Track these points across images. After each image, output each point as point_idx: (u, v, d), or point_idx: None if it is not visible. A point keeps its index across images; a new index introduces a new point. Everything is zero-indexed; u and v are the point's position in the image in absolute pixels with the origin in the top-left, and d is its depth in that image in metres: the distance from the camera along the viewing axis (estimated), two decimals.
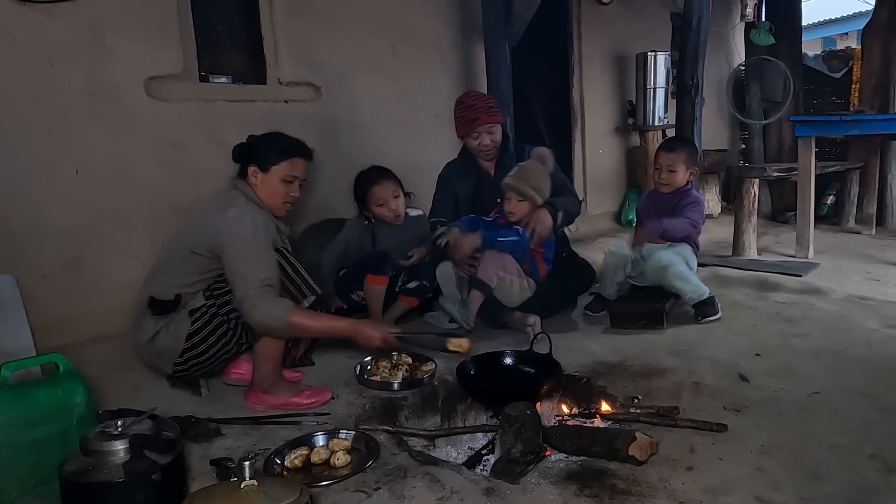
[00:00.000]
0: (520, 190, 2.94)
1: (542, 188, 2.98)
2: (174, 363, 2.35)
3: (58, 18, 2.79)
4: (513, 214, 2.98)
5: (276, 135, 2.49)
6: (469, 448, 2.17)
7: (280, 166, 2.40)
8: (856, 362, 2.53)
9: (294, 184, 2.45)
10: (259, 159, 2.40)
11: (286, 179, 2.41)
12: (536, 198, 2.96)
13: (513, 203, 2.97)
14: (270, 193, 2.41)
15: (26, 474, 1.70)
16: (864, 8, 8.46)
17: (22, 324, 2.54)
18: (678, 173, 3.34)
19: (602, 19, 5.47)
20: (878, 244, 4.88)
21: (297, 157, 2.44)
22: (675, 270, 3.11)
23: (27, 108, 2.75)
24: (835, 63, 6.48)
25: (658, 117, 5.55)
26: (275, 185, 2.40)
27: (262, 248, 2.24)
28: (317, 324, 2.32)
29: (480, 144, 3.19)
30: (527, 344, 2.63)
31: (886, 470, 1.76)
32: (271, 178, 2.40)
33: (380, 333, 2.29)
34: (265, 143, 2.45)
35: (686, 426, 2.01)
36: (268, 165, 2.39)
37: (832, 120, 4.54)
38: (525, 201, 2.96)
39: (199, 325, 2.30)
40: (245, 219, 2.25)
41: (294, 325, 2.18)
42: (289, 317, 2.15)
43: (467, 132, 3.20)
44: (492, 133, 3.19)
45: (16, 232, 2.74)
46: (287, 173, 2.41)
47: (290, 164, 2.42)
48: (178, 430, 1.73)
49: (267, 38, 3.55)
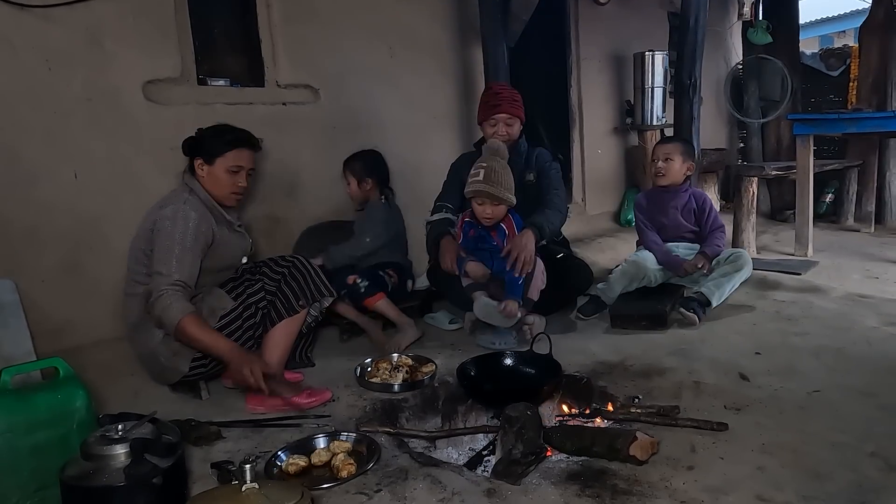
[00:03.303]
0: (498, 196, 2.87)
1: (512, 187, 2.94)
2: (192, 359, 2.36)
3: (56, 23, 2.79)
4: (489, 219, 2.94)
5: (221, 126, 2.52)
6: (470, 449, 2.17)
7: (225, 157, 2.42)
8: (856, 360, 2.53)
9: (240, 174, 2.46)
10: (204, 152, 2.43)
11: (231, 170, 2.43)
12: (512, 199, 2.92)
13: (489, 208, 2.92)
14: (217, 185, 2.44)
15: (27, 479, 1.69)
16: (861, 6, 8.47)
17: (22, 328, 2.54)
18: (675, 163, 3.38)
19: (600, 19, 5.47)
20: (877, 242, 4.88)
21: (242, 147, 2.46)
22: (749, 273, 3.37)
23: (26, 113, 2.75)
24: (832, 61, 6.48)
25: (656, 117, 5.55)
26: (221, 176, 2.43)
27: (186, 251, 2.27)
28: (202, 336, 2.19)
29: (496, 133, 3.18)
30: (527, 345, 2.63)
31: (887, 468, 1.76)
32: (216, 169, 2.42)
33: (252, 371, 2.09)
34: (210, 134, 2.47)
35: (687, 426, 2.01)
36: (212, 157, 2.42)
37: (830, 118, 4.54)
38: (502, 205, 2.93)
39: (226, 320, 2.35)
40: (177, 218, 2.29)
41: (182, 328, 2.16)
42: (181, 320, 2.15)
43: (486, 117, 3.21)
44: (509, 125, 3.20)
45: (15, 236, 2.74)
46: (232, 164, 2.43)
47: (235, 154, 2.43)
48: (178, 434, 1.73)
49: (265, 41, 3.56)
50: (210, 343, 2.20)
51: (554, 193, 3.21)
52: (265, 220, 3.53)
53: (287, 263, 2.48)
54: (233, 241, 2.51)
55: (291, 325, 2.44)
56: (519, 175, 3.18)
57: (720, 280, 3.23)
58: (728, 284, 3.25)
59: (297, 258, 2.52)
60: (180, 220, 2.28)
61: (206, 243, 2.36)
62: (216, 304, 2.37)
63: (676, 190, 3.45)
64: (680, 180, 3.44)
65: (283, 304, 2.41)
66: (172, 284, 2.20)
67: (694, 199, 3.46)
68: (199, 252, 2.31)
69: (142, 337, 2.40)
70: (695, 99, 4.25)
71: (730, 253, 3.42)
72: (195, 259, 2.30)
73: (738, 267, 3.32)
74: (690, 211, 3.46)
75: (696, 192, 3.50)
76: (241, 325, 2.38)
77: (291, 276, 2.44)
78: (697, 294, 3.18)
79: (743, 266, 3.34)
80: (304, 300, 2.42)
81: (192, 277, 2.27)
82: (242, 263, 2.57)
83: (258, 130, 2.61)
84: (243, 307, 2.37)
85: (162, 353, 2.38)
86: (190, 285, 2.25)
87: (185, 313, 2.17)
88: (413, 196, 3.79)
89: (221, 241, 2.43)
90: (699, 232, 3.47)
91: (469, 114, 4.56)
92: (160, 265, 2.23)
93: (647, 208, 3.54)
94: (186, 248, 2.26)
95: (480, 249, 3.01)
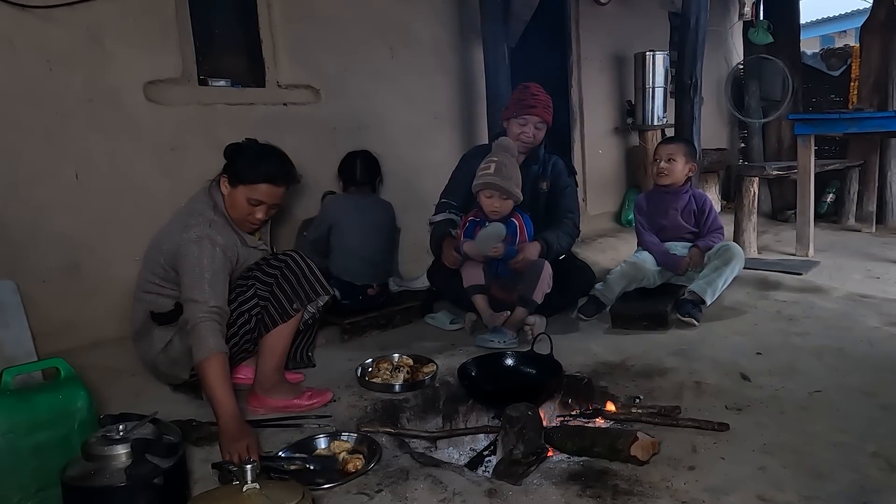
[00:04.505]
0: (507, 190, 2.91)
1: (520, 184, 2.99)
2: (191, 367, 2.29)
3: (57, 24, 2.80)
4: (497, 213, 2.97)
5: (263, 152, 2.32)
6: (471, 449, 2.17)
7: (248, 187, 2.25)
8: (857, 360, 2.53)
9: (260, 207, 2.28)
10: (232, 171, 2.28)
11: (251, 202, 2.27)
12: (519, 195, 2.96)
13: (497, 202, 2.95)
14: (233, 208, 2.29)
15: (28, 479, 1.69)
16: (863, 6, 8.47)
17: (23, 329, 2.54)
18: (678, 163, 3.36)
19: (600, 19, 5.47)
20: (879, 242, 4.88)
21: (270, 184, 2.27)
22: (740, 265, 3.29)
23: (27, 113, 2.75)
24: (833, 61, 6.48)
25: (657, 117, 5.55)
26: (240, 203, 2.27)
27: (216, 275, 2.15)
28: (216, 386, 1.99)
29: (523, 133, 3.17)
30: (528, 345, 2.63)
31: (889, 468, 1.76)
32: (238, 193, 2.26)
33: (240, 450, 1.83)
34: (247, 155, 2.29)
35: (688, 426, 2.01)
36: (237, 181, 2.26)
37: (831, 118, 4.54)
38: (510, 199, 2.96)
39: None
40: (203, 243, 2.16)
41: (203, 368, 2.02)
42: (208, 359, 2.02)
43: (518, 114, 3.18)
44: (538, 129, 3.20)
45: (16, 237, 2.74)
46: (251, 196, 2.26)
47: (259, 189, 2.25)
48: (179, 434, 1.73)
49: (265, 41, 3.56)
50: (218, 398, 1.98)
51: (569, 217, 3.23)
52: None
53: (279, 264, 2.35)
54: (251, 258, 2.41)
55: (286, 328, 2.35)
56: (533, 182, 3.19)
57: (711, 276, 3.18)
58: (720, 280, 3.18)
59: (289, 256, 2.39)
60: (207, 245, 2.17)
61: (233, 264, 2.28)
62: None
63: (677, 191, 3.44)
64: (681, 181, 3.44)
65: (276, 310, 2.32)
66: (209, 312, 2.09)
67: (694, 200, 3.45)
68: (227, 273, 2.23)
69: (144, 345, 2.39)
70: (696, 99, 4.25)
71: (719, 246, 3.35)
72: (225, 280, 2.20)
73: (727, 259, 3.24)
74: (690, 212, 3.45)
75: (697, 193, 3.49)
76: (237, 331, 2.30)
77: (284, 277, 2.33)
78: (690, 294, 3.15)
79: (732, 258, 3.25)
80: (297, 303, 2.33)
81: (225, 300, 2.18)
82: None
83: (259, 131, 2.60)
84: (237, 314, 2.27)
85: (161, 362, 2.37)
86: (225, 308, 2.16)
87: (214, 353, 2.03)
88: (413, 196, 3.79)
89: (241, 260, 2.35)
90: (698, 233, 3.46)
91: (470, 114, 4.56)
92: (193, 292, 2.11)
93: (648, 210, 3.54)
94: (217, 271, 2.17)
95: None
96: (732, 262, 3.25)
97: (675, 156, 3.37)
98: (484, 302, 3.03)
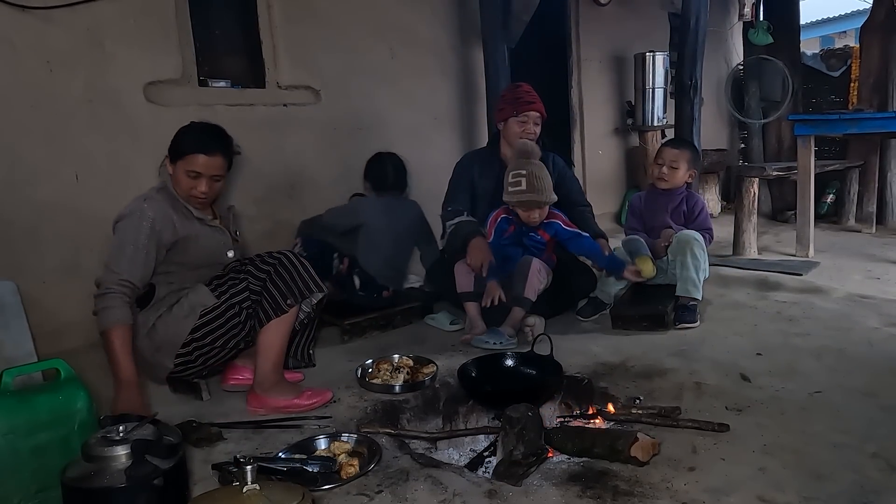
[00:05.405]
0: (544, 202, 2.95)
1: (551, 184, 3.00)
2: (175, 355, 2.33)
3: (57, 25, 2.80)
4: (536, 221, 3.01)
5: (194, 126, 2.41)
6: (471, 450, 2.17)
7: (184, 160, 2.32)
8: (857, 361, 2.53)
9: (199, 179, 2.33)
10: (171, 150, 2.36)
11: (189, 174, 2.32)
12: (554, 196, 2.99)
13: (536, 213, 2.97)
14: (177, 185, 2.36)
15: (28, 480, 1.69)
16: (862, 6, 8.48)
17: (23, 330, 2.53)
18: (680, 171, 3.33)
19: (600, 20, 5.48)
20: (879, 242, 4.88)
21: (200, 153, 2.31)
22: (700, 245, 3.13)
23: (27, 114, 2.76)
24: (833, 62, 6.48)
25: (657, 118, 5.55)
26: (181, 178, 2.34)
27: (139, 250, 2.23)
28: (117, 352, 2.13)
29: (525, 131, 3.17)
30: (528, 345, 2.63)
31: (889, 469, 1.76)
32: (177, 170, 2.34)
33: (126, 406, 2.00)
34: (179, 133, 2.37)
35: (688, 426, 2.00)
36: (175, 158, 2.34)
37: (831, 119, 4.54)
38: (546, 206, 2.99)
39: (208, 318, 2.31)
40: (133, 216, 2.26)
41: (107, 335, 2.14)
42: (112, 328, 2.13)
43: (518, 112, 3.18)
44: (538, 125, 3.21)
45: (17, 238, 2.74)
46: (188, 168, 2.32)
47: (191, 159, 2.31)
48: (179, 435, 1.72)
49: (266, 42, 3.56)
50: (118, 361, 2.12)
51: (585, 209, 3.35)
52: (266, 221, 3.54)
53: (273, 261, 2.35)
54: (207, 235, 2.42)
55: (282, 325, 2.35)
56: None
57: (684, 274, 3.09)
58: (692, 271, 3.08)
59: (284, 254, 2.39)
60: (136, 218, 2.25)
61: (166, 241, 2.30)
62: (197, 300, 2.32)
63: (671, 193, 3.40)
64: (680, 186, 3.41)
65: (270, 304, 2.31)
66: (120, 283, 2.18)
67: (685, 202, 3.41)
68: (153, 251, 2.27)
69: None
70: (695, 99, 4.25)
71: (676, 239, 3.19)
72: (149, 258, 2.26)
73: (683, 248, 3.10)
74: (681, 213, 3.41)
75: (690, 195, 3.42)
76: (224, 323, 2.32)
77: (277, 273, 2.33)
78: (682, 300, 3.11)
79: (686, 244, 3.10)
80: (291, 299, 2.32)
81: (143, 278, 2.25)
82: (229, 258, 2.48)
83: (259, 132, 2.60)
84: (226, 306, 2.31)
85: (145, 348, 2.34)
86: (138, 286, 2.24)
87: (119, 323, 2.14)
88: (413, 196, 3.79)
89: (191, 237, 2.35)
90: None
91: (470, 114, 4.56)
92: (112, 261, 2.22)
93: (640, 211, 3.50)
94: (140, 247, 2.23)
95: (517, 245, 3.06)
96: (688, 247, 3.10)
97: (677, 163, 3.31)
98: (475, 309, 3.03)
